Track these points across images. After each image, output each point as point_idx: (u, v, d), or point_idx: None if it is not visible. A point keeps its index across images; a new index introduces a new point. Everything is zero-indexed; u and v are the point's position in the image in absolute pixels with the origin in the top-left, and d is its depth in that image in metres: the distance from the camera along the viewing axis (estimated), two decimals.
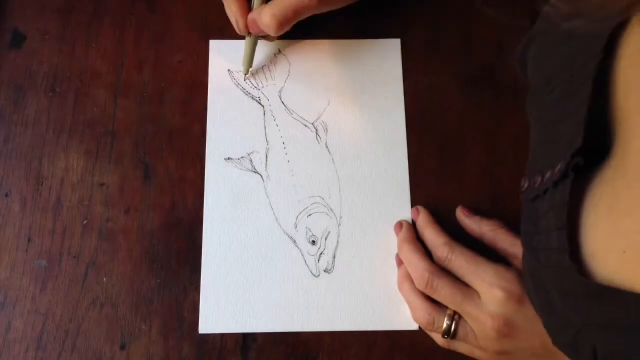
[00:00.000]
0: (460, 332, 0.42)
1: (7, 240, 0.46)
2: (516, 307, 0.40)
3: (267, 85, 0.50)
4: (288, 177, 0.48)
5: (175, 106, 0.50)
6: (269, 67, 0.51)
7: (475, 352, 0.42)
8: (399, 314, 0.45)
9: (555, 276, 0.30)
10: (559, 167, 0.30)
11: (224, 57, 0.51)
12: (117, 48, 0.51)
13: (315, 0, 0.45)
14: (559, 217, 0.30)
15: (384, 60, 0.51)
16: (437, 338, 0.44)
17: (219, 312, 0.45)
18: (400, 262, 0.46)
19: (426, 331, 0.44)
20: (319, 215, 0.47)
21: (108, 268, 0.45)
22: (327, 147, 0.49)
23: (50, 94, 0.50)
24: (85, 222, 0.46)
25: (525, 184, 0.36)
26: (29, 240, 0.46)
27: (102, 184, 0.47)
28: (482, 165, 0.48)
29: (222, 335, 0.44)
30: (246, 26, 0.47)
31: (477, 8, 0.36)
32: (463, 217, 0.47)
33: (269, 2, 0.45)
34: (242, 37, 0.50)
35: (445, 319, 0.42)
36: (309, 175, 0.48)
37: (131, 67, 0.51)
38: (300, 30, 0.50)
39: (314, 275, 0.46)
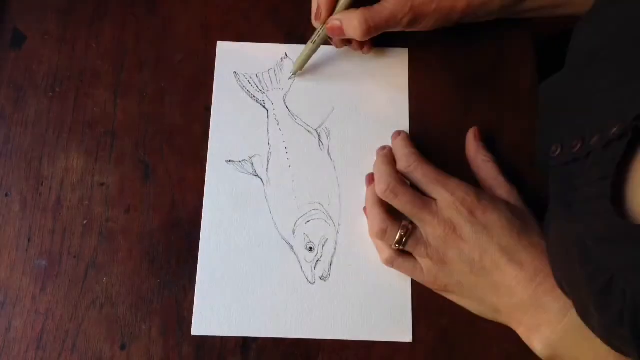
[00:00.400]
0: (411, 242, 0.43)
1: (7, 240, 0.46)
2: (467, 216, 0.41)
3: (272, 89, 0.50)
4: (289, 182, 0.48)
5: (175, 106, 0.50)
6: (274, 71, 0.51)
7: (417, 268, 0.43)
8: (394, 326, 0.45)
9: (593, 223, 0.32)
10: (614, 130, 0.32)
11: (230, 59, 0.51)
12: (117, 48, 0.51)
13: (407, 20, 0.45)
14: (604, 170, 0.32)
15: (390, 70, 0.51)
16: (385, 253, 0.44)
17: (213, 315, 0.45)
18: (370, 180, 0.46)
19: (377, 244, 0.45)
20: (318, 222, 0.47)
21: (108, 268, 0.45)
22: (329, 154, 0.49)
23: (50, 94, 0.50)
24: (85, 222, 0.46)
25: (557, 150, 0.39)
26: (29, 240, 0.46)
27: (102, 184, 0.47)
28: None
29: (228, 335, 0.44)
30: (325, 19, 0.47)
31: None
32: (472, 137, 0.48)
33: (362, 7, 0.45)
34: (246, 39, 0.50)
35: (400, 229, 0.43)
36: (310, 181, 0.48)
37: (131, 67, 0.51)
38: (307, 35, 0.50)
39: (309, 282, 0.46)
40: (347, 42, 0.49)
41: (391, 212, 0.44)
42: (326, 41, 0.49)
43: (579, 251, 0.34)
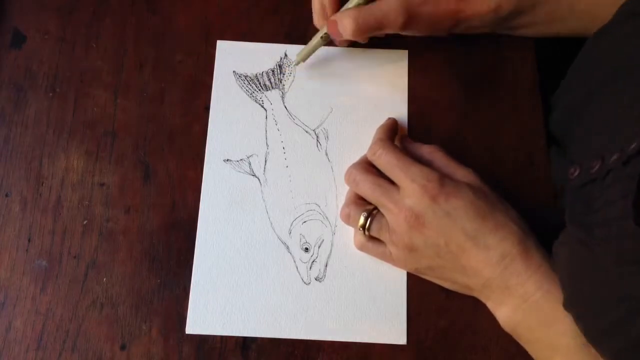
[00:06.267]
0: (374, 226, 0.44)
1: (7, 240, 0.46)
2: (429, 203, 0.41)
3: (271, 89, 0.50)
4: (286, 182, 0.48)
5: (175, 106, 0.50)
6: (274, 71, 0.51)
7: (387, 252, 0.44)
8: (388, 327, 0.44)
9: (618, 246, 0.31)
10: (634, 145, 0.31)
11: (230, 58, 0.51)
12: (117, 48, 0.51)
13: (401, 21, 0.45)
14: (625, 188, 0.31)
15: (390, 71, 0.51)
16: (356, 237, 0.46)
17: (208, 314, 0.44)
18: None
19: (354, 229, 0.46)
20: (314, 222, 0.47)
21: (108, 268, 0.45)
22: (327, 154, 0.49)
23: (50, 94, 0.50)
24: (85, 222, 0.47)
25: (575, 171, 0.38)
26: (29, 240, 0.46)
27: (102, 184, 0.47)
28: (482, 165, 0.48)
29: (223, 335, 0.44)
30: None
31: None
32: (407, 144, 0.47)
33: (356, 7, 0.45)
34: (246, 39, 0.51)
35: (363, 213, 0.44)
36: (307, 181, 0.48)
37: (131, 67, 0.51)
38: (307, 35, 0.50)
39: (305, 282, 0.46)
40: (349, 40, 0.49)
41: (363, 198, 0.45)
42: (330, 41, 0.49)
43: (601, 277, 0.33)
